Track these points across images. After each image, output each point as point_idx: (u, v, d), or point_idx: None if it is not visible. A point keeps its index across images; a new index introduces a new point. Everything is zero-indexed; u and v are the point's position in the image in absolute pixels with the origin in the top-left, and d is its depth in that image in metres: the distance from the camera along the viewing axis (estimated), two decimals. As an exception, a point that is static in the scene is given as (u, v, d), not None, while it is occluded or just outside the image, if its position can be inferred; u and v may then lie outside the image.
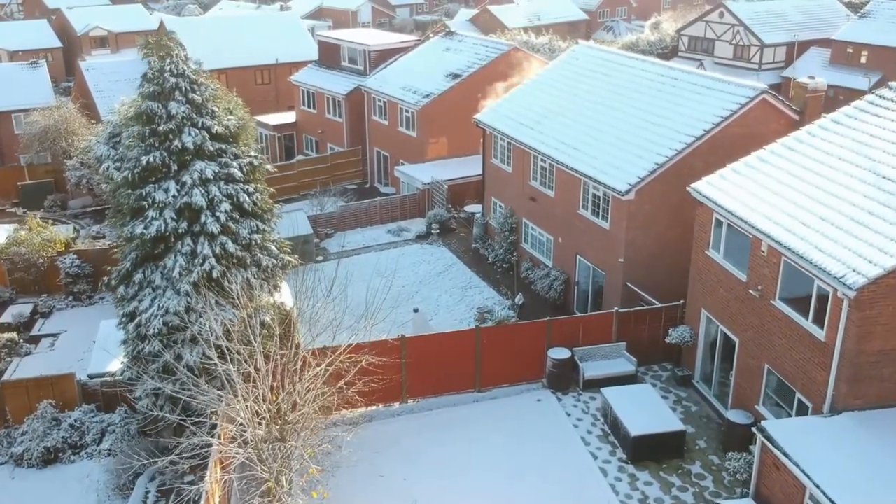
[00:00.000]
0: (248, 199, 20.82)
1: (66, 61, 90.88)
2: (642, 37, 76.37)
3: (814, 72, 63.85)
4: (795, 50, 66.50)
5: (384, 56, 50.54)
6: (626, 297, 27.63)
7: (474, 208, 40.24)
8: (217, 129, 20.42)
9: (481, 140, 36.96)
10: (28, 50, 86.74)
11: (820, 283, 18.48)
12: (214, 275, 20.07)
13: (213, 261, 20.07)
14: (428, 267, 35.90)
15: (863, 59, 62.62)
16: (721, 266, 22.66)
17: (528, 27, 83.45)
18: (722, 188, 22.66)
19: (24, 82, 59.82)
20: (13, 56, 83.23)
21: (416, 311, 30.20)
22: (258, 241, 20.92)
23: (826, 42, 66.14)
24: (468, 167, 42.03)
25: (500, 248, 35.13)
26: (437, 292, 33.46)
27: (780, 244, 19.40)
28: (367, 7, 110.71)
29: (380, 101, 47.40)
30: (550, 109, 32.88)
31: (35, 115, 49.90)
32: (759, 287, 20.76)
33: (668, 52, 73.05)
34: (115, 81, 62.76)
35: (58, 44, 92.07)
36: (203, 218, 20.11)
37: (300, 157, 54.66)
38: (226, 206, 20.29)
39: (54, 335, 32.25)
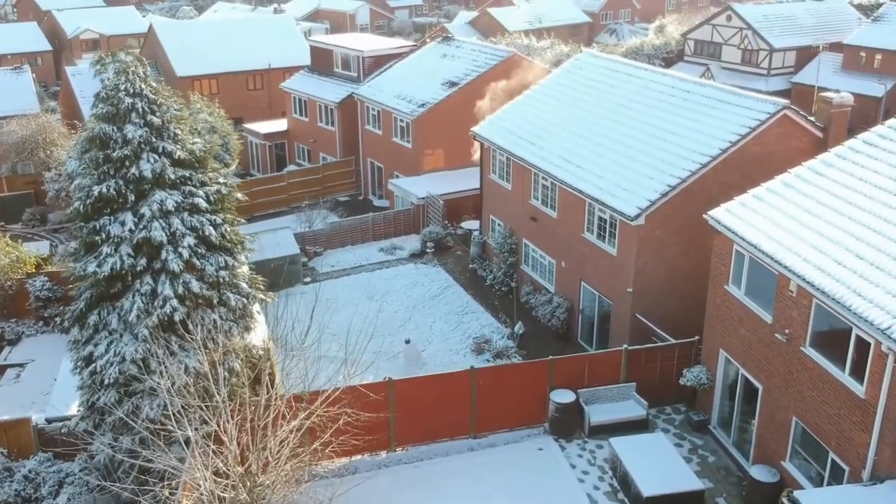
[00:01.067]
0: (214, 231, 18.63)
1: (56, 65, 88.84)
2: (646, 40, 74.16)
3: (825, 77, 61.70)
4: (801, 54, 64.32)
5: (378, 62, 48.38)
6: (634, 329, 25.45)
7: (472, 225, 38.04)
8: (180, 154, 18.23)
9: (479, 153, 34.76)
10: (17, 53, 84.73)
11: (859, 332, 16.29)
12: (177, 318, 17.90)
13: (175, 302, 17.90)
14: (422, 289, 33.69)
15: (876, 65, 60.40)
16: (742, 303, 20.47)
17: (529, 30, 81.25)
18: (743, 217, 20.46)
19: (6, 88, 57.63)
20: (1, 60, 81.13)
21: (407, 341, 28.05)
22: (226, 279, 18.74)
23: (837, 47, 63.91)
24: (466, 180, 39.83)
25: (498, 269, 32.95)
26: (431, 318, 31.25)
27: (813, 286, 17.21)
28: (364, 9, 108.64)
29: (373, 109, 45.24)
30: (552, 123, 30.69)
31: (12, 124, 47.70)
32: (787, 331, 18.57)
33: (673, 56, 70.89)
34: (102, 87, 60.64)
35: (48, 47, 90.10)
36: (164, 254, 17.94)
37: (292, 167, 52.54)
38: (190, 240, 18.11)
39: (20, 365, 30.06)
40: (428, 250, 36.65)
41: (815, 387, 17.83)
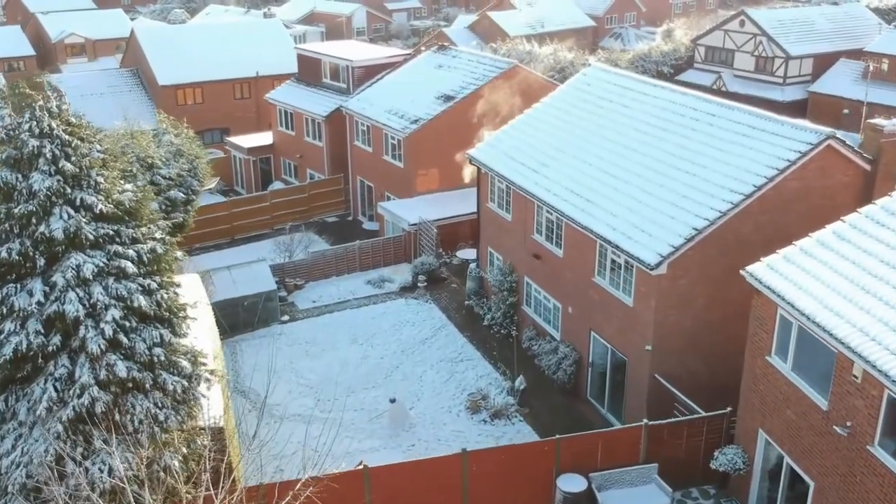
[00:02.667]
0: (147, 299, 15.20)
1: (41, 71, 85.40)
2: (654, 46, 70.65)
3: (845, 86, 58.33)
4: (818, 62, 60.81)
5: (369, 73, 44.93)
6: (654, 392, 22.02)
7: (469, 254, 34.61)
8: (102, 207, 14.78)
9: (476, 178, 31.31)
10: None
11: (951, 441, 12.89)
12: (98, 409, 14.48)
13: (95, 390, 14.48)
14: (412, 330, 30.23)
15: (899, 73, 56.94)
16: (788, 380, 17.04)
17: (531, 35, 77.71)
18: (789, 276, 17.02)
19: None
20: (-23, 66, 77.76)
21: (392, 401, 24.60)
22: (162, 357, 15.29)
23: (857, 54, 60.43)
24: (462, 203, 36.37)
25: (497, 309, 29.51)
26: (421, 367, 27.78)
27: (885, 374, 13.78)
28: (361, 12, 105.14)
29: (363, 125, 41.79)
30: (558, 147, 27.24)
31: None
32: (849, 423, 15.14)
33: (682, 62, 67.40)
34: (80, 96, 57.00)
35: (31, 52, 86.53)
36: (82, 331, 14.52)
37: (277, 183, 49.08)
38: (115, 312, 14.68)
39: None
40: (420, 284, 33.18)
41: (888, 498, 14.40)
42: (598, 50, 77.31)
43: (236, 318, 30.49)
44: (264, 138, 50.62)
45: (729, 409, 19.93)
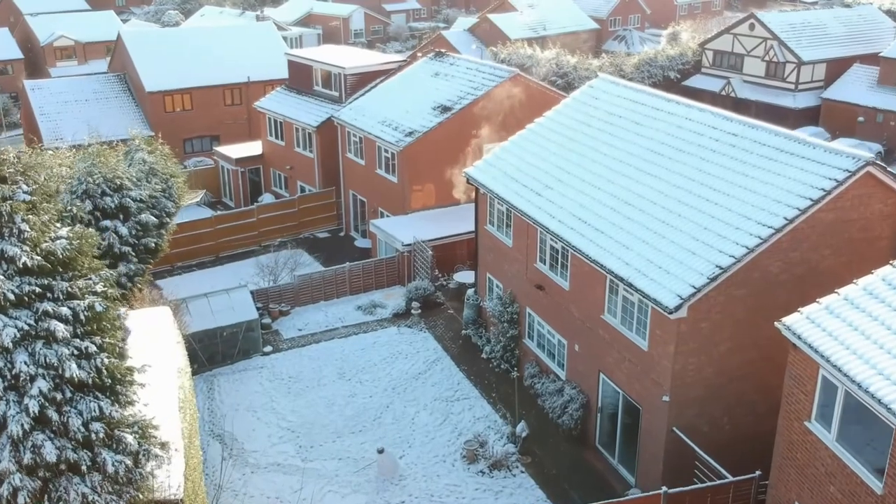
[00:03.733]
0: (83, 366, 12.90)
1: (28, 74, 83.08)
2: (660, 50, 68.25)
3: (859, 93, 56.06)
4: (831, 67, 58.45)
5: (363, 80, 42.65)
6: (672, 446, 19.73)
7: (466, 276, 32.32)
8: (27, 259, 12.49)
9: (474, 197, 29.02)
10: (-18, 62, 79.20)
11: None
12: (22, 500, 12.19)
13: (17, 478, 12.20)
14: (405, 364, 27.93)
15: (916, 79, 54.62)
16: (831, 451, 14.74)
17: (533, 38, 75.40)
18: (832, 332, 14.71)
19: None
20: (-38, 70, 75.56)
21: (380, 451, 22.27)
22: (102, 433, 13.00)
23: (871, 59, 58.10)
24: (460, 221, 34.13)
25: (496, 341, 27.22)
26: (414, 407, 25.47)
27: (961, 464, 11.49)
28: (359, 14, 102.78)
29: (355, 136, 39.50)
30: (564, 168, 24.94)
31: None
32: (911, 514, 12.86)
33: (689, 67, 65.08)
34: (63, 103, 55.18)
35: (19, 54, 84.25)
36: (2, 407, 12.23)
37: (267, 196, 46.80)
38: (43, 383, 12.40)
39: None
40: (413, 311, 30.86)
41: None
42: (602, 54, 75.01)
43: (214, 350, 28.23)
44: (253, 148, 48.33)
45: (758, 472, 17.67)
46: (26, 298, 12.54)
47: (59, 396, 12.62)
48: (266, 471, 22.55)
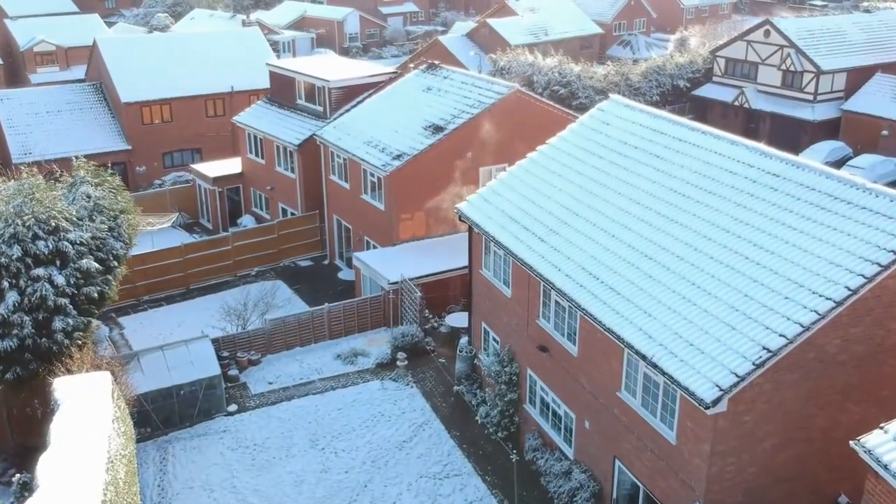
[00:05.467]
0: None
1: (8, 81, 79.52)
2: (668, 56, 64.63)
3: (882, 105, 52.47)
4: (852, 77, 54.83)
5: (349, 94, 39.06)
6: (703, 560, 16.16)
7: (459, 319, 28.77)
8: None
9: (468, 236, 25.43)
10: (-44, 68, 75.70)
11: None
12: None
13: None
14: (388, 428, 24.32)
15: (944, 90, 51.08)
16: None
17: (534, 43, 71.76)
18: (934, 461, 11.15)
19: None
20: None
21: (353, 554, 18.68)
22: None
23: (894, 68, 54.56)
24: (453, 254, 30.50)
25: (493, 405, 23.64)
26: (396, 487, 21.83)
27: None
28: (354, 17, 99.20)
29: (339, 157, 35.93)
30: (571, 209, 21.36)
31: None
32: None
33: (700, 76, 61.47)
34: (34, 115, 51.55)
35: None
36: None
37: (247, 218, 43.27)
38: None
39: None
40: (399, 362, 27.25)
41: None
42: (608, 62, 71.44)
43: (171, 411, 24.65)
44: (233, 165, 44.71)
45: None
46: None
47: None
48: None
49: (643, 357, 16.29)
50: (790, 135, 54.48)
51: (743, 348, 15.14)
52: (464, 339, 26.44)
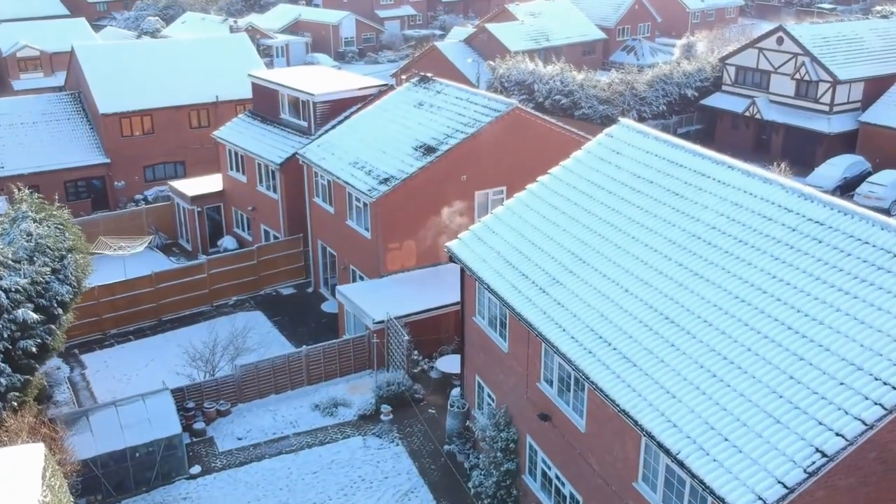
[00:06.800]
0: None
1: (-6, 85, 76.89)
2: (674, 63, 61.71)
3: (904, 117, 49.48)
4: (869, 87, 51.96)
5: (335, 109, 36.28)
6: None
7: (451, 364, 25.95)
8: None
9: (460, 278, 22.59)
10: (-66, 75, 72.86)
11: None
12: None
13: None
14: (369, 498, 21.43)
15: (969, 103, 48.19)
16: None
17: (535, 50, 68.98)
18: None
19: None
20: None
21: None
22: None
23: (915, 77, 51.77)
24: (445, 287, 27.69)
25: (487, 472, 20.78)
26: (376, 574, 19.05)
27: None
28: (350, 20, 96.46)
29: (323, 178, 33.12)
30: (577, 255, 18.52)
31: None
32: None
33: (708, 84, 58.58)
34: (7, 126, 48.67)
35: (-23, 66, 78.06)
36: None
37: (228, 239, 40.48)
38: None
39: None
40: (384, 417, 24.39)
41: None
42: (611, 68, 68.59)
43: (124, 476, 21.84)
44: (213, 183, 41.90)
45: None
46: None
47: None
48: None
49: (667, 452, 13.45)
50: (804, 148, 51.67)
51: (791, 449, 12.31)
52: (456, 391, 23.60)
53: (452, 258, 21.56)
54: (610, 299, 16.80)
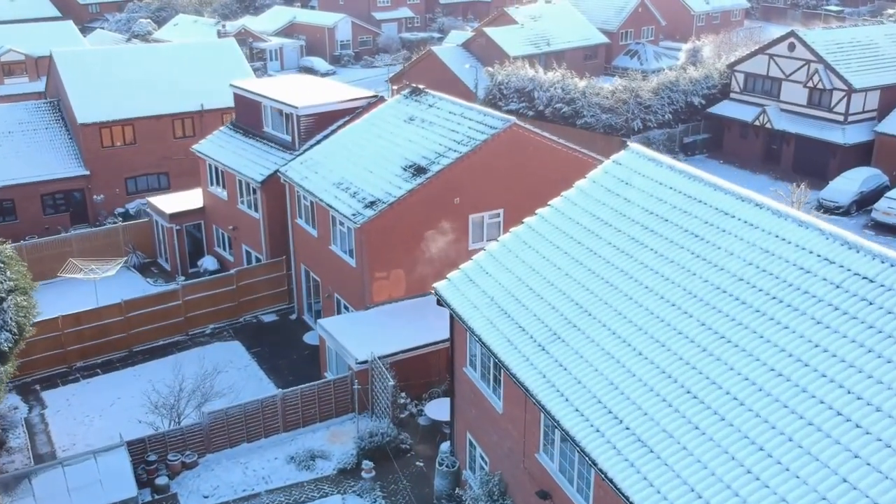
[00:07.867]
0: None
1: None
2: (679, 68, 59.18)
3: (923, 128, 47.00)
4: (885, 95, 49.51)
5: (321, 122, 33.85)
6: None
7: (441, 410, 23.51)
8: None
9: (449, 323, 20.17)
10: (-86, 80, 70.48)
11: None
12: None
13: None
14: (346, 571, 19.09)
15: None
16: None
17: (535, 55, 66.52)
18: None
19: None
20: None
21: None
22: None
23: (933, 85, 49.30)
24: (435, 320, 25.12)
25: (480, 545, 18.38)
26: None
27: None
28: (346, 23, 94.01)
29: (305, 199, 30.70)
30: (581, 306, 16.08)
31: None
32: None
33: (716, 91, 56.11)
34: (-17, 136, 46.32)
35: (-40, 70, 75.58)
36: None
37: (208, 259, 38.07)
38: None
39: None
40: (365, 473, 21.93)
41: None
42: (615, 74, 66.14)
43: (72, 544, 19.42)
44: (194, 199, 39.47)
45: None
46: None
47: None
48: None
49: (692, 570, 11.04)
50: (817, 159, 49.22)
51: (850, 579, 9.90)
52: (445, 446, 21.17)
53: (440, 301, 19.12)
54: (620, 363, 14.37)
